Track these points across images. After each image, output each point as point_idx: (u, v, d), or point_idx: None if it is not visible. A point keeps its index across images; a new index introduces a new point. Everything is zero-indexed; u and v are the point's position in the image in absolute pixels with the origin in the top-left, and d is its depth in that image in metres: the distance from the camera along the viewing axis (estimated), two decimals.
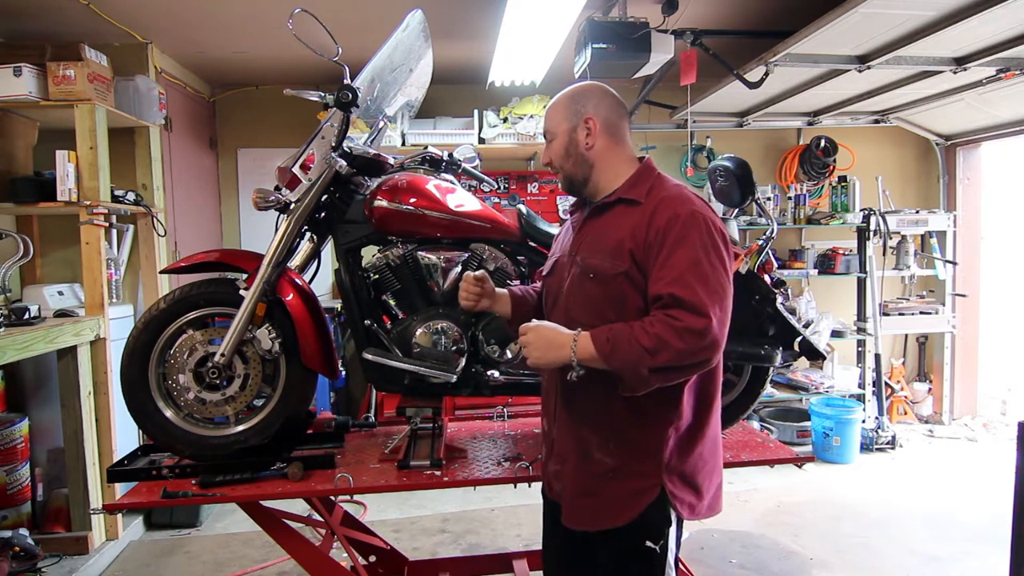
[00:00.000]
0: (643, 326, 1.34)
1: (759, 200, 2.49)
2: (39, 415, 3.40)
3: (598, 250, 1.49)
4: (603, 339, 1.35)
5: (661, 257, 1.39)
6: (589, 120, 1.52)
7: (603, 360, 1.35)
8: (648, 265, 1.41)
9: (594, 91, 1.56)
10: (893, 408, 5.19)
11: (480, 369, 2.15)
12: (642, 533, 1.48)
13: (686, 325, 1.31)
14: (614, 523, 1.48)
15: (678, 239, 1.38)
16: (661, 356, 1.30)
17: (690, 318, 1.31)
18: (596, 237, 1.52)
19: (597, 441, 1.50)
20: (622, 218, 1.49)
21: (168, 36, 3.78)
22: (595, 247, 1.50)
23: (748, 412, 2.31)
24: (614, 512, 1.48)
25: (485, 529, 3.54)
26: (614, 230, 1.48)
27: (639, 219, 1.45)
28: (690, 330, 1.31)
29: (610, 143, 1.54)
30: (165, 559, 3.27)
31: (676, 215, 1.40)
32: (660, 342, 1.30)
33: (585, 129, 1.52)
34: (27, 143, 3.47)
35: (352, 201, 2.10)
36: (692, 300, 1.32)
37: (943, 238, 5.08)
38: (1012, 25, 2.96)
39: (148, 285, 3.84)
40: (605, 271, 1.46)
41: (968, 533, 3.38)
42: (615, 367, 1.35)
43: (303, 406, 2.09)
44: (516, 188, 5.11)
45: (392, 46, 2.14)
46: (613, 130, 1.54)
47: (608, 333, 1.36)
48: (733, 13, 3.53)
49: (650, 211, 1.44)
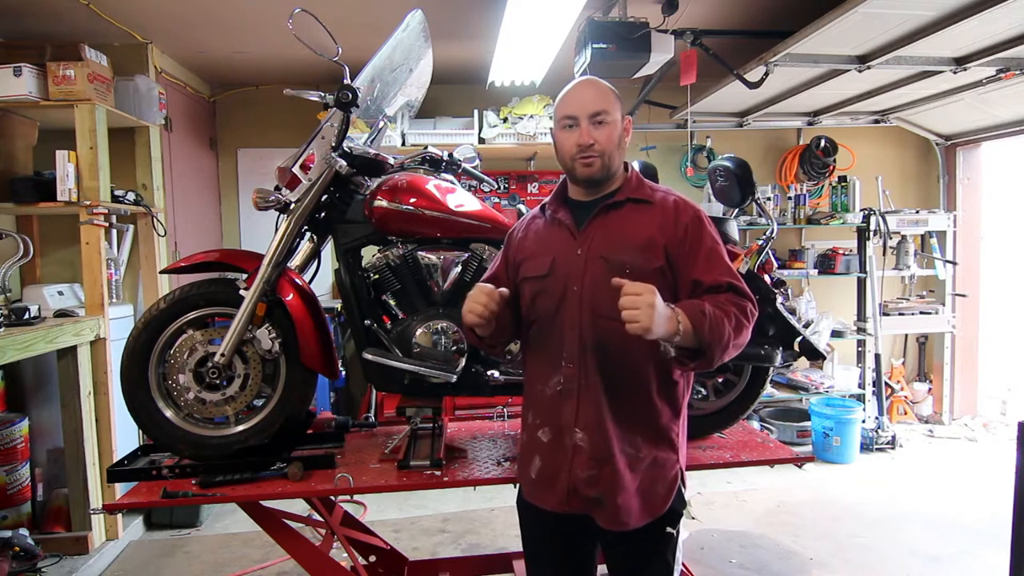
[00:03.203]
0: (718, 305, 1.41)
1: (759, 200, 2.49)
2: (39, 415, 3.40)
3: (626, 246, 1.50)
4: (697, 312, 1.38)
5: (702, 251, 1.49)
6: (628, 120, 1.58)
7: (698, 335, 1.37)
8: (680, 259, 1.49)
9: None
10: (893, 408, 5.19)
11: (480, 369, 2.15)
12: (666, 520, 1.54)
13: (747, 307, 1.46)
14: (656, 514, 1.53)
15: (711, 238, 1.51)
16: (743, 335, 1.44)
17: (749, 305, 1.46)
18: (617, 234, 1.52)
19: (635, 437, 1.52)
20: (641, 216, 1.53)
21: (168, 36, 3.78)
22: (622, 244, 1.50)
23: (748, 412, 2.31)
24: (655, 504, 1.54)
25: (485, 529, 3.54)
26: (637, 227, 1.51)
27: (663, 217, 1.51)
28: (751, 312, 1.46)
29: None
30: (165, 559, 3.27)
31: (699, 216, 1.52)
32: (738, 321, 1.42)
33: (626, 129, 1.57)
34: (27, 143, 3.48)
35: (352, 201, 2.10)
36: (743, 289, 1.47)
37: (943, 238, 5.09)
38: (1012, 25, 2.97)
39: (148, 285, 3.84)
40: (642, 266, 1.48)
41: (968, 533, 3.37)
42: (709, 341, 1.37)
43: (303, 406, 2.08)
44: (516, 188, 5.11)
45: (392, 46, 2.14)
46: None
47: (701, 308, 1.39)
48: (733, 13, 3.53)
49: (672, 209, 1.52)
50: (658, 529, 1.54)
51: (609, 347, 1.48)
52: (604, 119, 1.50)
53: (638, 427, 1.52)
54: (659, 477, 1.53)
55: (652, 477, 1.53)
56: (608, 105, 1.51)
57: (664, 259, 1.49)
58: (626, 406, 1.51)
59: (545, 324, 1.57)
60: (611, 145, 1.51)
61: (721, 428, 2.30)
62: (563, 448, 1.53)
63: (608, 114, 1.50)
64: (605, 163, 1.52)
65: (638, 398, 1.52)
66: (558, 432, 1.54)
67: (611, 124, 1.51)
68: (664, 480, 1.54)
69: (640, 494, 1.52)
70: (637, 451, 1.52)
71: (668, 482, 1.54)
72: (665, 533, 1.54)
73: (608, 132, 1.50)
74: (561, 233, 1.58)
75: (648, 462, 1.52)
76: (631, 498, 1.51)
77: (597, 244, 1.52)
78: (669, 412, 1.55)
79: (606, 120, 1.50)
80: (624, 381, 1.51)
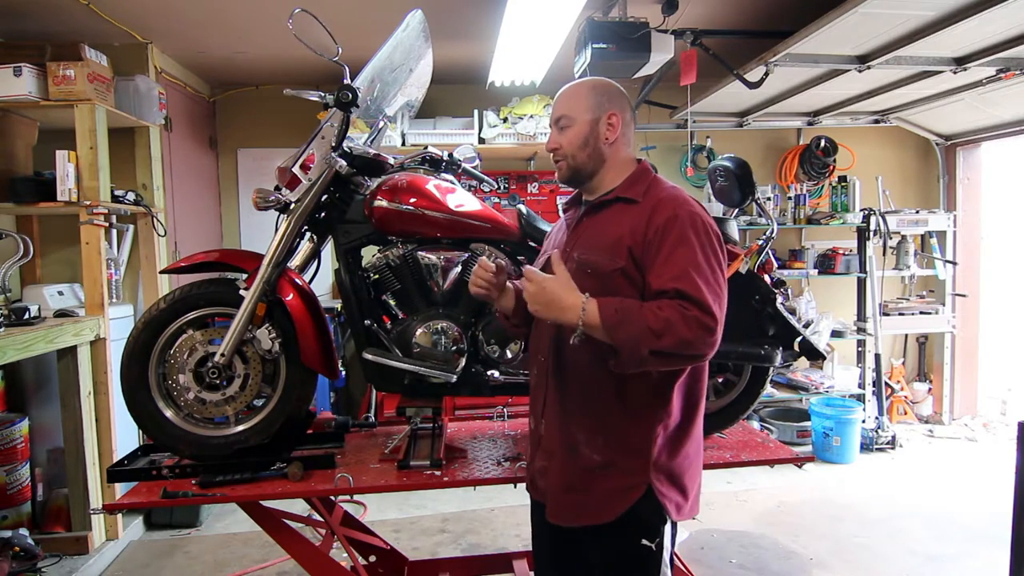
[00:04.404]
0: (653, 308, 1.35)
1: (759, 200, 2.49)
2: (39, 415, 3.40)
3: (595, 247, 1.50)
4: (612, 310, 1.35)
5: (662, 255, 1.41)
6: (614, 116, 1.54)
7: (607, 331, 1.34)
8: (646, 262, 1.43)
9: (617, 89, 1.58)
10: (893, 408, 5.19)
11: (480, 369, 2.15)
12: (638, 531, 1.48)
13: (695, 316, 1.33)
14: (599, 519, 1.48)
15: (679, 239, 1.41)
16: (665, 340, 1.32)
17: (696, 311, 1.34)
18: (594, 234, 1.53)
19: (585, 436, 1.50)
20: (620, 216, 1.50)
21: (168, 36, 3.78)
22: (592, 244, 1.51)
23: (748, 412, 2.31)
24: (599, 509, 1.48)
25: (485, 529, 3.54)
26: (612, 227, 1.50)
27: (638, 217, 1.46)
28: (698, 321, 1.33)
29: (623, 143, 1.57)
30: (165, 559, 3.27)
31: (675, 215, 1.43)
32: (668, 326, 1.32)
33: (608, 124, 1.53)
34: (27, 143, 3.47)
35: (352, 201, 2.10)
36: (698, 296, 1.35)
37: (943, 238, 5.09)
38: (1012, 25, 2.97)
39: (148, 285, 3.84)
40: (602, 267, 1.47)
41: (968, 533, 3.38)
42: (618, 340, 1.34)
43: (303, 406, 2.08)
44: (516, 188, 5.11)
45: (392, 46, 2.14)
46: (628, 131, 1.58)
47: (618, 305, 1.36)
48: (733, 13, 3.53)
49: (649, 209, 1.46)
50: (630, 538, 1.48)
51: (569, 346, 1.46)
52: (565, 123, 1.55)
53: (593, 429, 1.49)
54: (613, 484, 1.47)
55: (604, 482, 1.48)
56: (570, 109, 1.54)
57: (628, 260, 1.44)
58: (582, 407, 1.51)
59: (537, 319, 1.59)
60: (572, 147, 1.54)
61: (721, 428, 2.31)
62: (536, 436, 1.64)
63: (568, 118, 1.54)
64: (571, 164, 1.55)
65: (594, 401, 1.50)
66: (535, 421, 1.64)
67: (574, 127, 1.53)
68: (619, 488, 1.47)
69: (583, 495, 1.49)
70: (591, 452, 1.49)
71: (623, 491, 1.47)
72: (641, 545, 1.47)
73: (569, 136, 1.54)
74: (565, 232, 1.65)
75: (600, 465, 1.48)
76: (572, 496, 1.51)
77: (580, 244, 1.54)
78: (635, 422, 1.48)
79: (566, 124, 1.54)
80: (580, 382, 1.51)
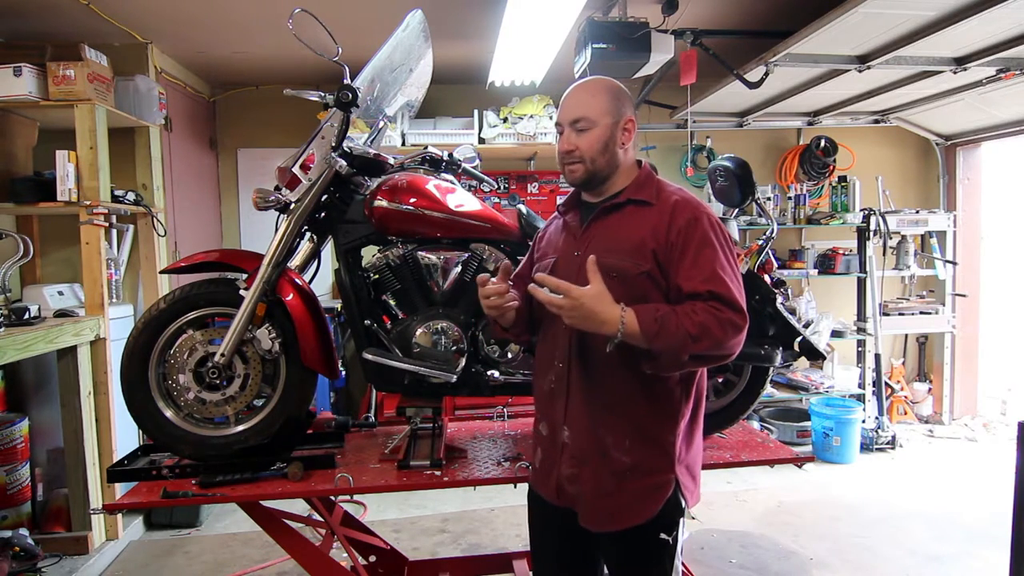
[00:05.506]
0: (688, 312, 1.37)
1: (759, 200, 2.50)
2: (39, 415, 3.40)
3: (616, 250, 1.49)
4: (651, 319, 1.36)
5: (688, 257, 1.43)
6: (630, 122, 1.55)
7: (647, 340, 1.35)
8: (670, 264, 1.45)
9: (627, 93, 1.58)
10: (893, 408, 5.19)
11: (480, 369, 2.15)
12: (658, 526, 1.51)
13: (728, 318, 1.38)
14: (636, 520, 1.50)
15: (702, 241, 1.44)
16: (702, 344, 1.36)
17: (730, 313, 1.38)
18: (610, 237, 1.52)
19: (613, 439, 1.50)
20: (636, 218, 1.51)
21: (168, 36, 3.78)
22: (612, 247, 1.50)
23: (748, 412, 2.31)
24: (636, 510, 1.50)
25: (485, 529, 3.54)
26: (631, 230, 1.50)
27: (657, 219, 1.48)
28: (732, 323, 1.38)
29: (633, 147, 1.58)
30: (165, 559, 3.27)
31: (696, 217, 1.46)
32: (704, 330, 1.35)
33: (624, 129, 1.54)
34: (27, 143, 3.47)
35: (352, 201, 2.10)
36: (730, 297, 1.40)
37: (943, 238, 5.09)
38: (1012, 25, 2.97)
39: (148, 285, 3.84)
40: (628, 270, 1.47)
41: (968, 533, 3.38)
42: (658, 348, 1.36)
43: (303, 406, 2.08)
44: (516, 188, 5.11)
45: (392, 46, 2.14)
46: (636, 135, 1.59)
47: (656, 313, 1.37)
48: (733, 13, 3.53)
49: (668, 212, 1.48)
50: (651, 534, 1.51)
51: (594, 351, 1.49)
52: (584, 126, 1.51)
53: (622, 432, 1.50)
54: (644, 484, 1.50)
55: (635, 483, 1.50)
56: (590, 111, 1.51)
57: (653, 263, 1.46)
58: (610, 410, 1.51)
59: (547, 323, 1.61)
60: (592, 151, 1.52)
61: (721, 428, 2.30)
62: (555, 443, 1.59)
63: (588, 120, 1.51)
64: (588, 168, 1.53)
65: (622, 404, 1.50)
66: (552, 428, 1.61)
67: (595, 129, 1.51)
68: (650, 488, 1.50)
69: (617, 498, 1.50)
70: (621, 455, 1.50)
71: (654, 490, 1.50)
72: (659, 539, 1.51)
73: (589, 139, 1.51)
74: (567, 235, 1.63)
75: (631, 467, 1.49)
76: (607, 501, 1.51)
77: (593, 246, 1.53)
78: (661, 420, 1.51)
79: (586, 126, 1.51)
80: (607, 386, 1.51)
